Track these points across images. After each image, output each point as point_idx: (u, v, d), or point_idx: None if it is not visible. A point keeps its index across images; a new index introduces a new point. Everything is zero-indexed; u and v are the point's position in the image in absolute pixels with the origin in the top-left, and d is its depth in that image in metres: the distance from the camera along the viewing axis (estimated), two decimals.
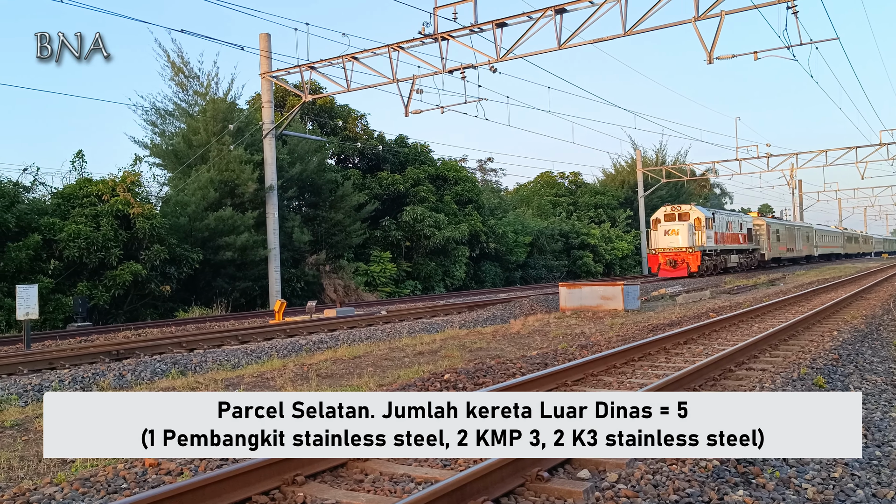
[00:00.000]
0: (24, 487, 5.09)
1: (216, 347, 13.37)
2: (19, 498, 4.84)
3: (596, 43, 20.24)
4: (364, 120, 39.56)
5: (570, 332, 14.86)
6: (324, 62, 23.61)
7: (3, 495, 4.91)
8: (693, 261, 36.07)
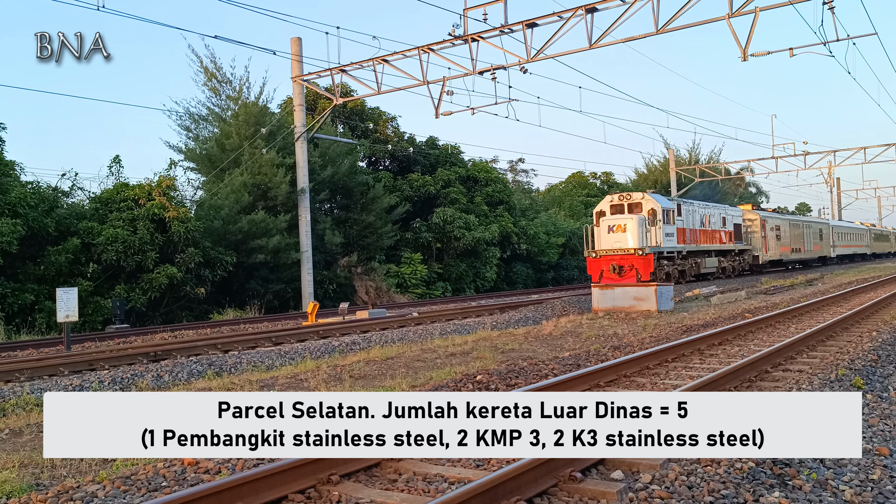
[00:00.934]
0: (68, 485, 5.22)
1: (250, 349, 13.54)
2: (63, 496, 4.97)
3: (627, 42, 20.11)
4: (395, 122, 39.77)
5: (602, 334, 14.79)
6: (354, 65, 23.77)
7: (48, 493, 5.04)
8: (644, 266, 26.25)
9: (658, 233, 27.34)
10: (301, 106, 27.10)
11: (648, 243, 26.79)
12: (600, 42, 19.95)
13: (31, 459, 6.12)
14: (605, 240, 27.21)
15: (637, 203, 28.10)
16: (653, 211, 27.66)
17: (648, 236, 26.95)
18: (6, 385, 10.13)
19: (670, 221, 28.42)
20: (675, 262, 29.27)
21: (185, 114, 31.44)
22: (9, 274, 20.71)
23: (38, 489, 5.28)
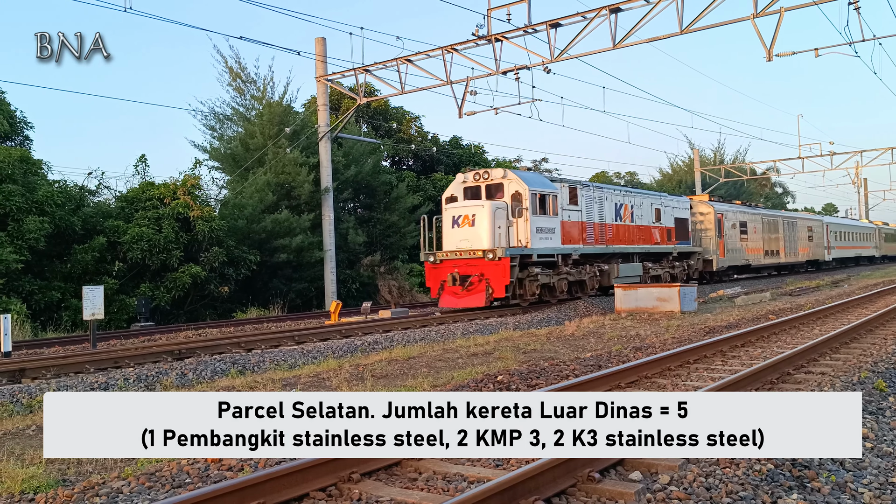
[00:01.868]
0: (93, 481, 5.32)
1: (273, 348, 13.65)
2: (89, 491, 5.07)
3: (651, 42, 20.00)
4: (418, 122, 39.86)
5: (625, 334, 14.74)
6: (378, 65, 23.86)
7: (74, 488, 5.15)
8: (498, 276, 18.63)
9: (524, 227, 19.65)
10: (325, 105, 27.24)
11: (505, 242, 19.33)
12: (624, 42, 19.85)
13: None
14: (450, 237, 19.75)
15: (496, 183, 20.34)
16: (517, 196, 19.85)
17: (511, 232, 19.59)
18: (33, 382, 10.31)
19: (548, 211, 20.49)
20: (561, 270, 21.14)
21: (210, 113, 31.77)
22: (36, 272, 21.05)
23: (64, 485, 5.39)
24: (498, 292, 18.78)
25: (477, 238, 19.19)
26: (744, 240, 34.08)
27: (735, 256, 33.06)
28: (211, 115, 31.73)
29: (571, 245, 21.71)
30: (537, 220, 20.13)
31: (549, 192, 20.83)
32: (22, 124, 24.48)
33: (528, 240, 19.65)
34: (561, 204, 21.33)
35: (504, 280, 18.67)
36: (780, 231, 38.80)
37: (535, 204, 20.11)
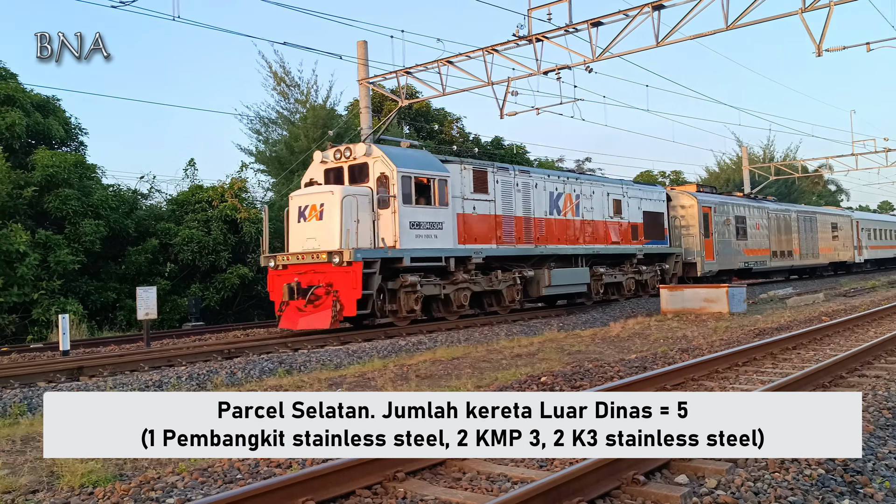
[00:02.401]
0: (149, 476, 5.49)
1: (319, 348, 13.84)
2: (145, 486, 5.24)
3: (696, 38, 19.73)
4: (460, 123, 39.94)
5: (671, 336, 14.59)
6: (419, 67, 23.96)
7: (131, 483, 5.32)
8: (347, 287, 14.53)
9: (390, 221, 15.33)
10: (367, 108, 27.45)
11: (365, 241, 15.10)
12: (668, 39, 19.62)
13: None
14: (296, 235, 15.73)
15: (362, 165, 15.87)
16: (383, 179, 15.50)
17: (377, 228, 15.32)
18: (91, 380, 10.64)
19: (433, 200, 16.10)
20: (457, 279, 16.72)
21: (256, 117, 32.27)
22: (92, 273, 21.69)
23: (121, 479, 5.57)
24: (348, 309, 14.39)
25: (325, 236, 14.85)
26: (742, 239, 28.95)
27: (728, 259, 27.69)
28: (256, 119, 32.27)
29: (475, 245, 17.24)
30: (412, 211, 15.69)
31: (431, 174, 16.23)
32: (77, 130, 25.22)
33: (397, 238, 15.34)
34: (460, 191, 17.01)
35: (354, 293, 14.36)
36: (793, 228, 33.40)
37: (409, 190, 15.72)
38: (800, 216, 34.59)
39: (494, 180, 18.38)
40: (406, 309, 15.88)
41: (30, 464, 6.09)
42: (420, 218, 15.96)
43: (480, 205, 17.78)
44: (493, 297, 18.69)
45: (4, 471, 5.82)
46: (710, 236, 26.58)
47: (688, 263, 26.05)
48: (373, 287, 14.89)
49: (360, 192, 15.42)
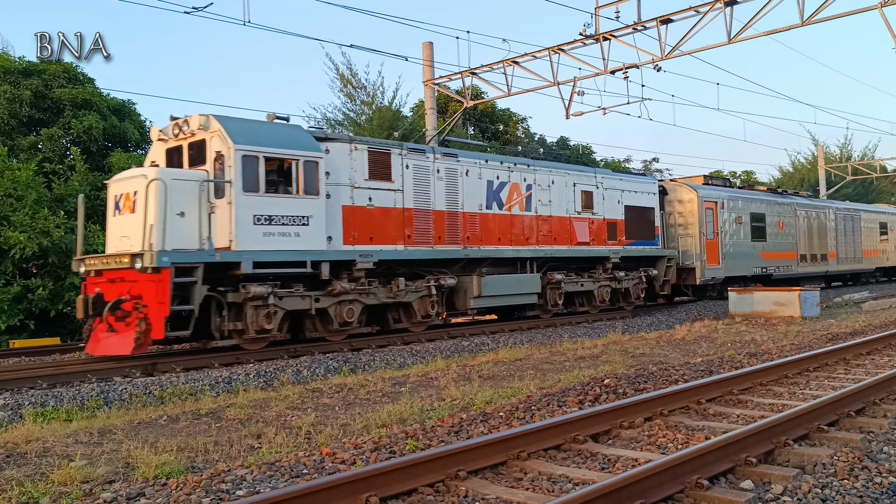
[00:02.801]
0: (220, 469, 5.68)
1: (381, 348, 14.01)
2: (216, 478, 5.42)
3: (770, 35, 19.24)
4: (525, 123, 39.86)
5: (738, 340, 14.27)
6: (484, 68, 24.02)
7: (202, 475, 5.52)
8: (154, 299, 11.28)
9: (226, 214, 12.22)
10: (432, 109, 27.64)
11: (185, 240, 11.94)
12: (740, 36, 19.18)
13: (186, 444, 6.68)
14: (111, 231, 12.82)
15: (200, 142, 12.82)
16: (220, 159, 12.40)
17: (211, 221, 12.15)
18: (164, 376, 11.02)
19: (295, 188, 12.92)
20: (336, 289, 13.39)
21: (323, 119, 32.82)
22: None
23: (193, 471, 5.78)
24: (155, 329, 11.25)
25: (135, 232, 11.83)
26: (759, 239, 25.08)
27: (740, 263, 24.01)
28: (323, 121, 32.81)
29: (368, 246, 13.95)
30: (259, 202, 12.39)
31: (291, 155, 12.84)
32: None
33: (232, 236, 12.13)
34: (349, 177, 13.72)
35: (161, 308, 11.23)
36: (830, 228, 29.50)
37: (253, 174, 12.34)
38: (838, 214, 30.59)
39: (403, 165, 14.89)
40: (255, 328, 12.47)
41: (106, 455, 6.37)
42: (273, 210, 12.61)
43: (380, 195, 14.41)
44: (400, 311, 15.11)
45: (83, 461, 6.10)
46: (715, 236, 22.94)
47: (684, 269, 22.31)
48: (194, 300, 11.67)
49: (186, 177, 12.24)
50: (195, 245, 12.06)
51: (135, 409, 8.95)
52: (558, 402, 7.87)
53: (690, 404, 7.43)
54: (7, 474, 5.81)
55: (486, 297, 15.94)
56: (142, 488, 5.26)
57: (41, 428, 7.59)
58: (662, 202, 22.53)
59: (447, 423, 7.04)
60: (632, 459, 5.53)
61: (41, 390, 9.82)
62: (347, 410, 8.27)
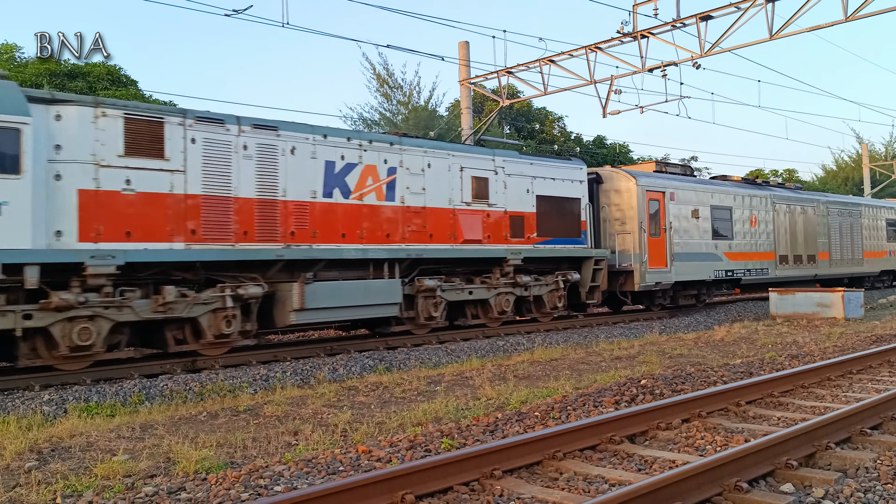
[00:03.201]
0: (258, 465, 5.76)
1: (416, 346, 14.05)
2: (254, 473, 5.50)
3: (813, 31, 18.87)
4: (561, 122, 39.64)
5: (779, 341, 14.02)
6: (521, 66, 23.94)
7: (241, 470, 5.60)
8: None
9: None
10: (468, 108, 27.65)
11: None
12: (782, 32, 18.85)
13: (225, 440, 6.78)
14: None
15: None
16: None
17: None
18: (203, 373, 11.19)
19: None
20: (61, 304, 10.06)
21: (359, 119, 33.02)
22: None
23: (232, 466, 5.87)
24: None
25: None
26: (722, 237, 21.35)
27: (695, 266, 20.24)
28: (359, 121, 33.02)
29: (114, 245, 10.61)
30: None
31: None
32: None
33: None
34: (90, 152, 10.55)
35: None
36: (820, 225, 25.41)
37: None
38: (832, 209, 26.09)
39: (186, 138, 11.48)
40: None
41: (148, 450, 6.49)
42: None
43: (146, 177, 11.04)
44: (174, 327, 11.64)
45: (125, 456, 6.23)
46: (661, 233, 19.22)
47: (620, 272, 18.63)
48: None
49: None
50: None
51: (175, 405, 9.10)
52: (594, 402, 7.83)
53: (729, 406, 7.33)
54: (52, 467, 5.96)
55: (315, 311, 12.50)
56: (182, 483, 5.35)
57: (85, 423, 7.76)
58: (595, 192, 19.01)
59: (482, 422, 7.05)
60: (669, 461, 5.48)
61: (85, 386, 10.03)
62: (383, 408, 8.31)
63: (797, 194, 25.84)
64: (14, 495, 5.24)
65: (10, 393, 9.55)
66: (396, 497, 4.60)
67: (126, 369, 11.09)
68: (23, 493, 5.27)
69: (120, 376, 10.78)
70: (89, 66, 23.51)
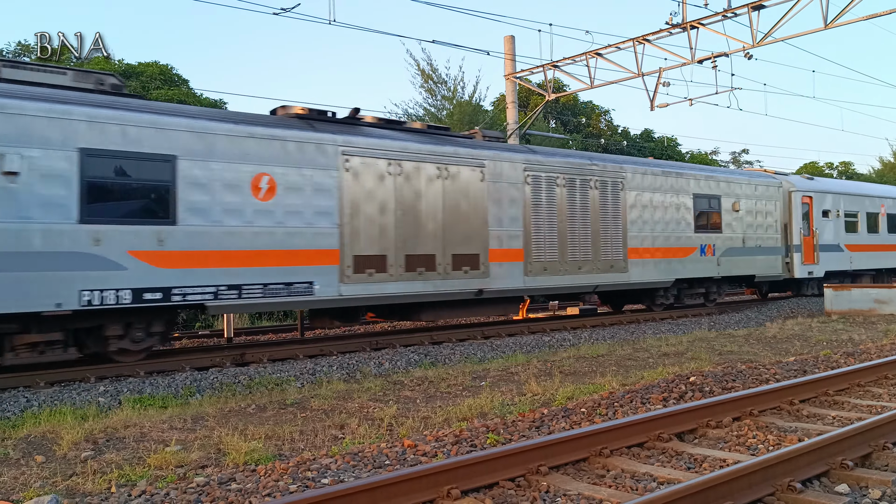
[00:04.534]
0: (305, 457, 5.83)
1: (461, 341, 14.04)
2: (301, 466, 5.56)
3: (870, 19, 18.31)
4: (608, 116, 39.20)
5: (835, 339, 13.66)
6: (567, 60, 23.73)
7: (289, 462, 5.67)
8: None
9: None
10: (513, 103, 27.52)
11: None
12: (837, 21, 18.34)
13: (273, 432, 6.88)
14: None
15: None
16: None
17: None
18: (251, 366, 11.36)
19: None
20: None
21: (404, 115, 33.11)
22: None
23: (280, 459, 5.95)
24: None
25: None
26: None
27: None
28: (404, 117, 33.11)
29: None
30: None
31: None
32: None
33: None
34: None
35: None
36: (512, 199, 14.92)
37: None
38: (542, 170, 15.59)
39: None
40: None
41: (199, 441, 6.62)
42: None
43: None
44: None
45: (177, 446, 6.36)
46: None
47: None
48: None
49: None
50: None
51: (225, 397, 9.26)
52: (641, 399, 7.73)
53: (782, 404, 7.17)
54: (107, 457, 6.11)
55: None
56: (232, 473, 5.44)
57: (138, 414, 7.95)
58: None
59: (528, 417, 7.01)
60: (719, 460, 5.38)
61: (138, 378, 10.27)
62: (428, 403, 8.33)
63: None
64: (71, 484, 5.40)
65: (67, 384, 9.83)
66: (442, 491, 4.61)
67: (177, 362, 11.34)
68: (79, 482, 5.42)
69: (172, 369, 11.04)
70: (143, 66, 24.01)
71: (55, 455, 6.28)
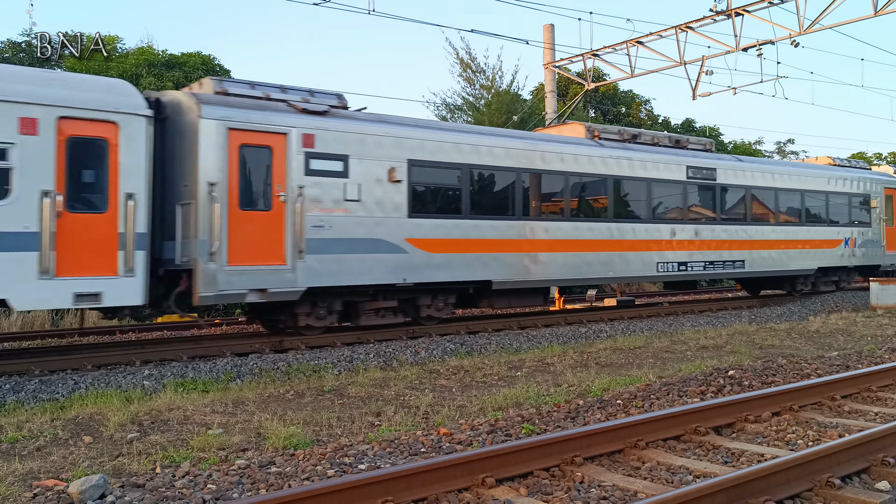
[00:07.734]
0: (342, 443, 5.93)
1: (497, 332, 14.06)
2: (339, 451, 5.66)
3: None
4: (648, 105, 38.70)
5: (880, 334, 13.39)
6: (607, 49, 23.50)
7: (327, 447, 5.78)
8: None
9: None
10: (552, 92, 27.34)
11: None
12: (888, 8, 17.87)
13: (312, 418, 6.99)
14: None
15: None
16: None
17: None
18: (289, 353, 11.53)
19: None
20: None
21: (442, 104, 33.04)
22: None
23: (318, 444, 6.05)
24: None
25: None
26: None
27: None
28: (442, 106, 33.04)
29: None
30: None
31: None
32: None
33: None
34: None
35: None
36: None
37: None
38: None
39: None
40: None
41: (240, 425, 6.77)
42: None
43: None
44: None
45: (219, 430, 6.51)
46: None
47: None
48: None
49: None
50: None
51: (264, 383, 9.43)
52: (678, 391, 7.68)
53: (823, 400, 7.07)
54: (152, 439, 6.29)
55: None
56: (272, 457, 5.56)
57: (181, 397, 8.14)
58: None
59: (563, 408, 7.03)
60: (757, 454, 5.35)
61: (181, 363, 10.51)
62: (464, 392, 8.39)
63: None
64: (117, 464, 5.56)
65: (113, 368, 10.09)
66: (477, 479, 4.66)
67: (218, 347, 11.56)
68: (125, 462, 5.59)
69: (213, 354, 11.27)
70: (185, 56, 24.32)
71: (102, 436, 6.47)
